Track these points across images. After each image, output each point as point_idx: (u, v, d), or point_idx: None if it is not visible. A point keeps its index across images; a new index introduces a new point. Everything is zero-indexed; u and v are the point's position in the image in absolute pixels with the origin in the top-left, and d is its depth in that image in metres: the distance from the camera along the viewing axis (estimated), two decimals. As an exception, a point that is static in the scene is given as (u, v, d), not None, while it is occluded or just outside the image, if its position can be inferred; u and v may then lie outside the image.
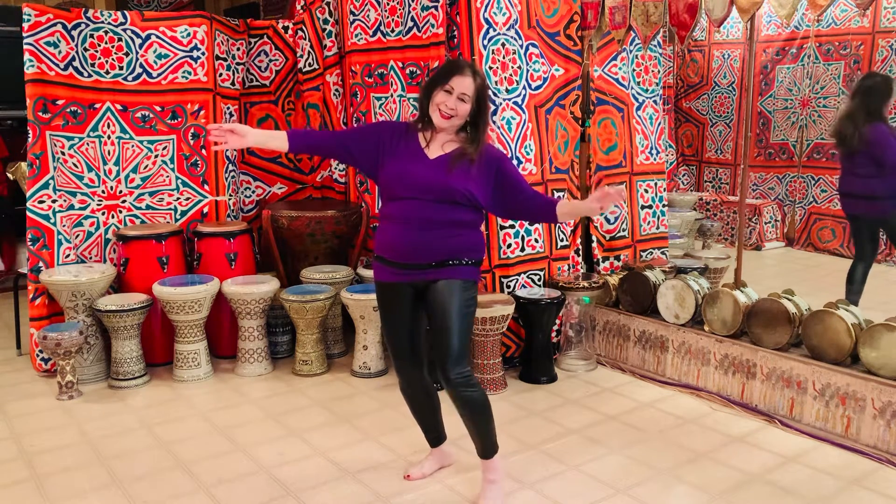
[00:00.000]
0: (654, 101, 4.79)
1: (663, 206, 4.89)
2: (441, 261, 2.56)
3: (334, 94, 4.78)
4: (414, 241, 2.55)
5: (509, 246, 4.05)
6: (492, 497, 2.69)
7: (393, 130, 2.67)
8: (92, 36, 4.23)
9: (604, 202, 2.48)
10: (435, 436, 2.93)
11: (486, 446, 2.69)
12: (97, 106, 4.28)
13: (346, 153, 2.68)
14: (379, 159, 2.63)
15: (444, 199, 2.53)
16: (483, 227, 2.73)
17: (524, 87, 4.10)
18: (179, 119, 4.44)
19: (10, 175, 5.31)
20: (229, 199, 4.62)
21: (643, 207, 4.76)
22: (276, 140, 2.65)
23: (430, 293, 2.60)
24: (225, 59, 4.61)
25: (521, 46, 4.08)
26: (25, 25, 4.01)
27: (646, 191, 4.77)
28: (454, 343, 2.54)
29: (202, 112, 4.47)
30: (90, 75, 4.25)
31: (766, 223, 7.12)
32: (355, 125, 4.66)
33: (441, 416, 2.91)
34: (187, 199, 4.50)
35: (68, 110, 4.19)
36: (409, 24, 4.14)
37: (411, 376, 2.76)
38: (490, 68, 3.94)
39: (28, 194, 4.12)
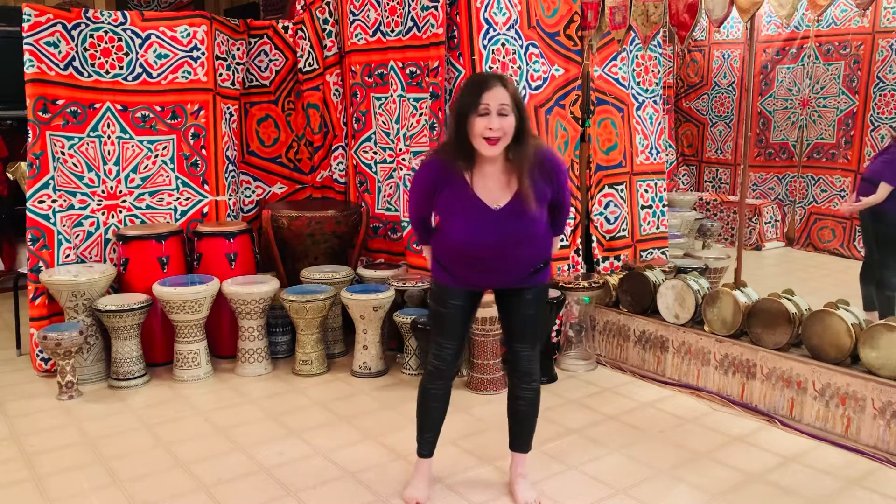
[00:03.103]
0: (654, 101, 4.79)
1: (663, 206, 4.88)
2: (527, 273, 2.55)
3: (334, 94, 4.78)
4: (496, 272, 2.53)
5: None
6: (525, 489, 2.78)
7: (438, 175, 2.47)
8: (92, 36, 4.23)
9: None
10: (433, 445, 2.81)
11: (529, 442, 2.80)
12: (97, 106, 4.28)
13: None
14: (438, 212, 2.52)
15: (521, 241, 2.47)
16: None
17: (524, 88, 4.10)
18: (179, 119, 4.44)
19: (10, 175, 5.31)
20: (229, 199, 4.62)
21: (643, 207, 4.76)
22: (430, 252, 2.66)
23: (509, 301, 2.62)
24: (225, 59, 4.61)
25: (521, 46, 4.08)
26: (25, 25, 4.02)
27: (646, 191, 4.77)
28: (532, 352, 2.67)
29: (202, 112, 4.47)
30: (90, 75, 4.25)
31: (766, 223, 7.12)
32: (354, 125, 4.66)
33: None
34: (187, 199, 4.50)
35: (68, 110, 4.19)
36: (409, 24, 4.14)
37: (446, 382, 2.71)
38: (490, 68, 3.94)
39: (28, 194, 4.12)
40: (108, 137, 4.33)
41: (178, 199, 4.49)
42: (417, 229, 2.69)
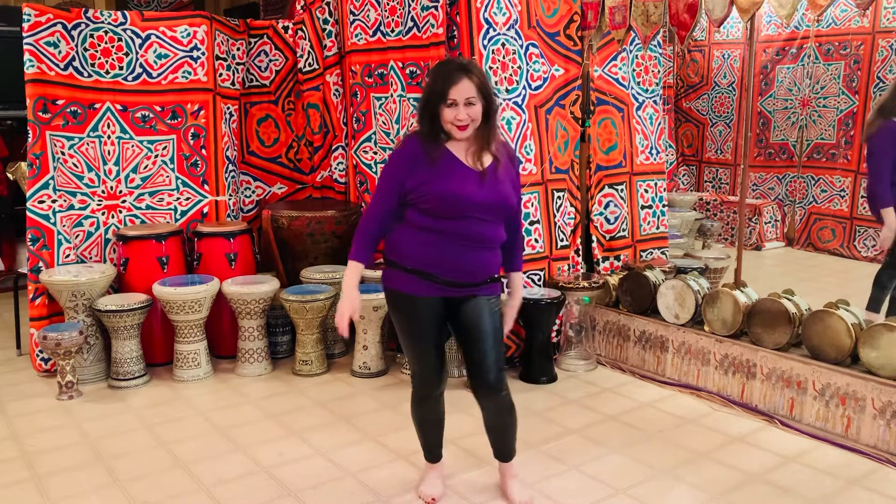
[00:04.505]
0: (654, 101, 4.80)
1: (663, 206, 4.89)
2: (484, 279, 2.55)
3: (334, 94, 4.78)
4: (468, 261, 2.49)
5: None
6: (518, 489, 2.75)
7: (415, 152, 2.48)
8: (92, 36, 4.23)
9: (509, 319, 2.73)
10: (438, 451, 2.84)
11: (510, 450, 2.74)
12: (97, 106, 4.28)
13: (400, 212, 2.55)
14: (407, 185, 2.47)
15: (498, 217, 2.51)
16: None
17: (524, 87, 4.10)
18: (179, 119, 4.44)
19: (10, 175, 5.31)
20: (229, 199, 4.62)
21: (643, 207, 4.76)
22: (357, 272, 2.52)
23: (463, 310, 2.56)
24: (225, 59, 4.61)
25: (521, 46, 4.08)
26: (25, 25, 4.02)
27: (646, 191, 4.77)
28: (496, 359, 2.59)
29: (202, 112, 4.47)
30: (90, 75, 4.25)
31: (766, 223, 7.12)
32: (354, 125, 4.66)
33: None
34: (187, 199, 4.50)
35: (68, 110, 4.19)
36: (409, 24, 4.14)
37: (435, 393, 2.69)
38: (490, 68, 3.94)
39: (28, 194, 4.12)
40: (108, 137, 4.33)
41: (178, 199, 4.49)
42: (367, 232, 2.55)
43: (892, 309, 4.16)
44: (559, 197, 4.28)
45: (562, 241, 4.30)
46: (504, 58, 3.99)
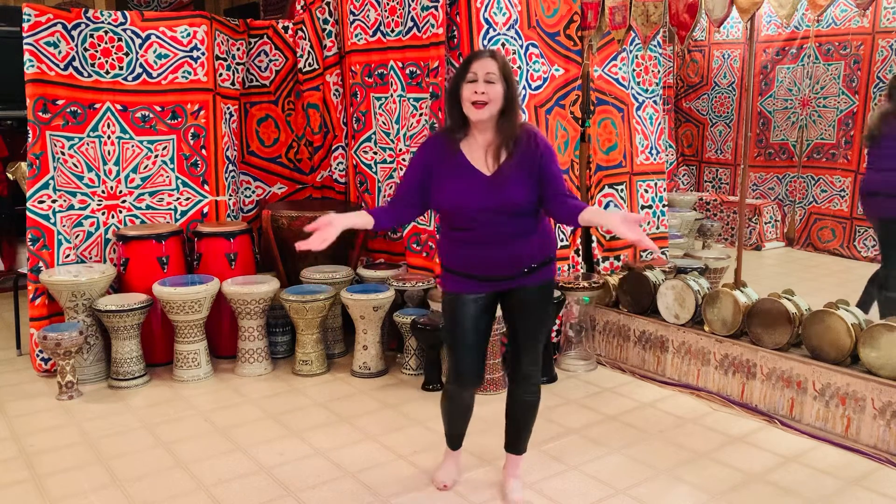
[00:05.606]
0: (654, 101, 4.79)
1: (663, 206, 4.89)
2: (528, 266, 2.53)
3: (334, 94, 4.78)
4: (496, 258, 2.50)
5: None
6: (517, 489, 2.78)
7: (434, 150, 2.55)
8: (92, 36, 4.24)
9: (630, 229, 2.24)
10: (460, 440, 2.87)
11: (525, 443, 2.80)
12: (97, 106, 4.28)
13: (423, 207, 2.60)
14: (431, 187, 2.53)
15: (514, 214, 2.47)
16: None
17: (524, 88, 4.10)
18: (179, 119, 4.44)
19: (10, 175, 5.31)
20: (229, 199, 4.62)
21: (643, 207, 4.76)
22: (361, 218, 2.53)
23: (514, 299, 2.59)
24: (225, 59, 4.61)
25: (521, 46, 4.08)
26: (25, 25, 4.02)
27: (646, 191, 4.77)
28: (540, 351, 2.66)
29: (202, 112, 4.47)
30: (90, 75, 4.25)
31: (766, 223, 7.12)
32: (354, 125, 4.66)
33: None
34: (187, 199, 4.50)
35: (68, 110, 4.19)
36: (409, 24, 4.14)
37: (470, 391, 2.71)
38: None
39: (28, 194, 4.12)
40: (108, 137, 4.33)
41: (178, 199, 4.49)
42: (389, 201, 2.66)
43: (888, 310, 4.16)
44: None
45: (562, 241, 4.30)
46: (504, 58, 3.99)
